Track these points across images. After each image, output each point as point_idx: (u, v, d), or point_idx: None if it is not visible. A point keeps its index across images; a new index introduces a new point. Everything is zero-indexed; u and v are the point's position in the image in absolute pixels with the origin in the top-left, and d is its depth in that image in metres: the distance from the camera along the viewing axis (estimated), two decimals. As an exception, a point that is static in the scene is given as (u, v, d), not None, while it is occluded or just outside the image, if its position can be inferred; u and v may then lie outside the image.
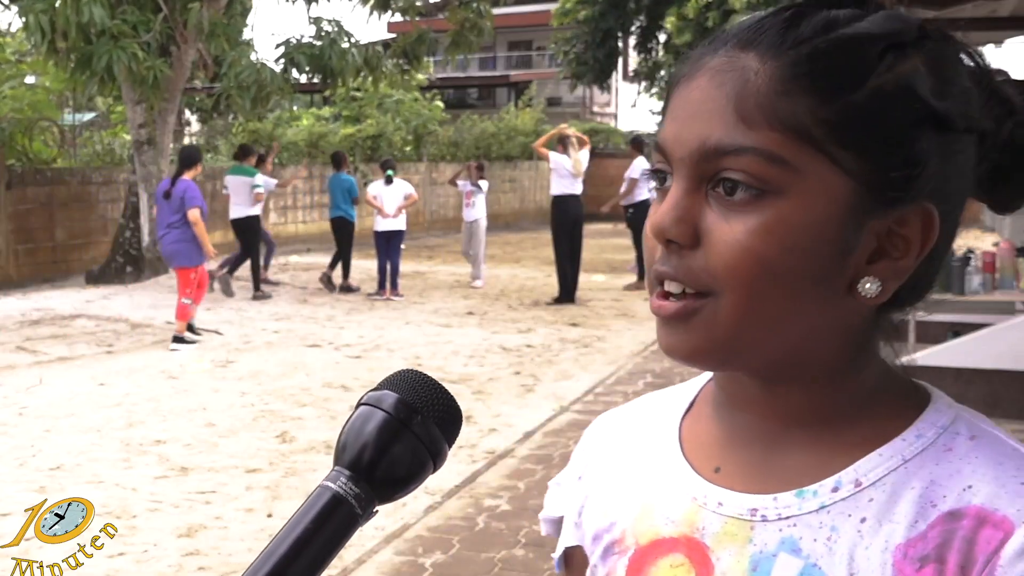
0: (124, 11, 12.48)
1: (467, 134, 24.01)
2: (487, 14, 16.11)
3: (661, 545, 0.81)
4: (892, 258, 0.73)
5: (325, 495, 0.68)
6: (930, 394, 0.78)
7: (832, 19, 0.71)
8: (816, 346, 0.75)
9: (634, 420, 0.91)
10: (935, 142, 0.71)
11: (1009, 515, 0.69)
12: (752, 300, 0.71)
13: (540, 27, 33.29)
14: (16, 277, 13.27)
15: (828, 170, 0.70)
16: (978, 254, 7.22)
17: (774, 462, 0.78)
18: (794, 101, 0.69)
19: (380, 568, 4.18)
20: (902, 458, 0.74)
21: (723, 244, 0.70)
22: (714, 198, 0.72)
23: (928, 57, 0.72)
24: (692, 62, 0.76)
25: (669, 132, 0.74)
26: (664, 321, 0.74)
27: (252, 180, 11.99)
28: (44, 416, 6.60)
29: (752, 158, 0.69)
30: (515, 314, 10.97)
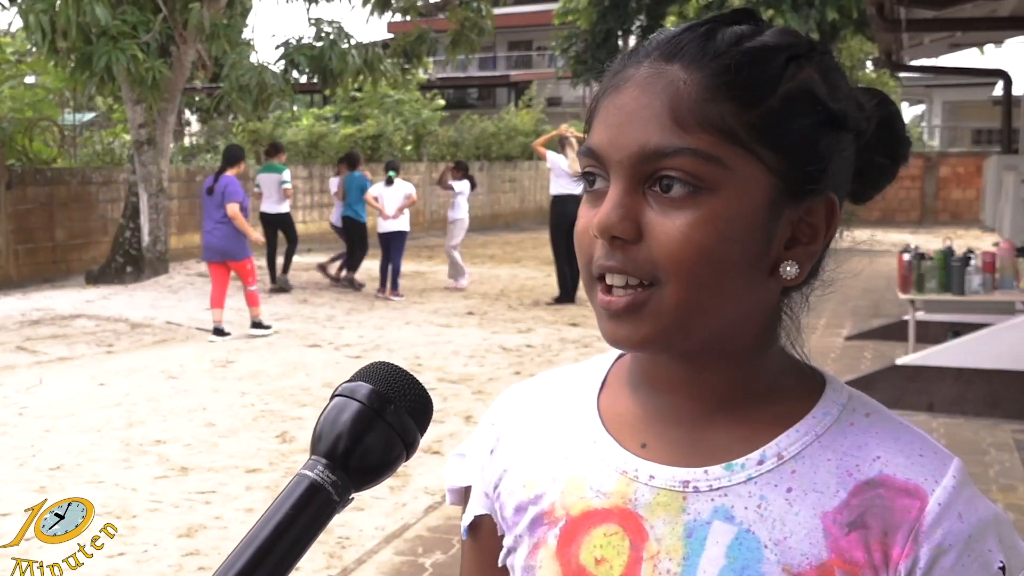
0: (124, 11, 12.47)
1: (467, 134, 24.01)
2: (488, 13, 16.11)
3: (593, 516, 0.85)
4: (803, 244, 0.82)
5: (303, 483, 0.71)
6: (824, 376, 0.87)
7: (740, 34, 0.80)
8: (743, 327, 0.83)
9: (545, 395, 0.95)
10: (834, 140, 0.81)
11: (921, 484, 0.79)
12: (694, 286, 0.78)
13: (540, 27, 33.31)
14: (16, 277, 13.27)
15: (754, 167, 0.78)
16: (978, 254, 7.23)
17: (700, 439, 0.84)
18: (720, 106, 0.77)
19: (380, 568, 4.18)
20: (815, 434, 0.82)
21: (665, 236, 0.77)
22: (652, 196, 0.78)
23: (819, 66, 0.81)
24: (615, 74, 0.83)
25: (603, 138, 0.80)
26: (613, 314, 0.80)
27: (281, 176, 12.43)
28: (44, 416, 6.60)
29: (689, 158, 0.77)
30: (515, 314, 10.97)
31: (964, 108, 35.00)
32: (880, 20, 7.70)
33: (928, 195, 26.27)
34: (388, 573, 4.15)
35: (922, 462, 0.80)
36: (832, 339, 9.48)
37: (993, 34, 12.32)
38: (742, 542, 0.80)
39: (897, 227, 24.16)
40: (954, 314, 8.31)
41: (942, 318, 8.41)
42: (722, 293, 0.79)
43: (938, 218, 25.87)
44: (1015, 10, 8.49)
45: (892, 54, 10.57)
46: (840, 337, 9.51)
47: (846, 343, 9.23)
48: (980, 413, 6.45)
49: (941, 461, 0.81)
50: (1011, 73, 11.70)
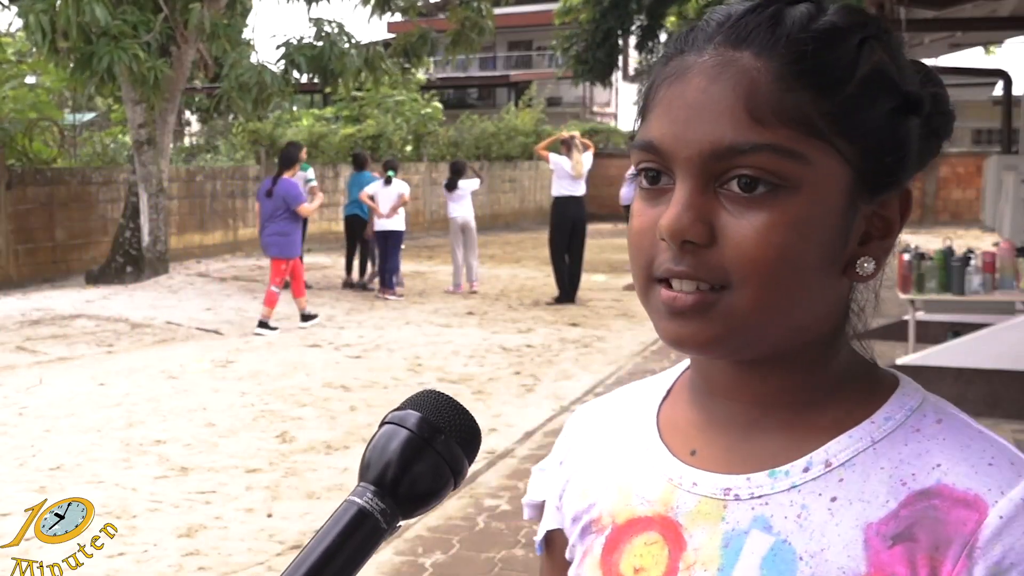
0: (124, 11, 12.47)
1: (467, 134, 24.01)
2: (488, 13, 16.09)
3: (636, 524, 0.83)
4: (877, 238, 0.78)
5: (351, 509, 0.71)
6: (898, 378, 0.81)
7: (808, 14, 0.75)
8: (812, 329, 0.78)
9: (615, 408, 0.93)
10: (908, 126, 0.76)
11: (981, 495, 0.71)
12: (770, 291, 0.73)
13: (540, 27, 33.30)
14: (16, 277, 13.26)
15: (832, 160, 0.73)
16: (978, 254, 7.22)
17: (749, 445, 0.80)
18: (798, 96, 0.72)
19: (380, 568, 4.18)
20: (871, 439, 0.77)
21: (742, 239, 0.72)
22: (724, 196, 0.73)
23: (888, 47, 0.76)
24: (672, 60, 0.77)
25: (667, 132, 0.75)
26: (677, 313, 0.75)
27: (306, 175, 12.51)
28: (44, 416, 6.60)
29: (769, 155, 0.72)
30: (515, 314, 10.97)
31: (964, 108, 34.95)
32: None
33: (928, 195, 26.26)
34: (388, 573, 4.15)
35: (989, 471, 0.72)
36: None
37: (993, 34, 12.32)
38: (777, 553, 0.76)
39: (897, 227, 24.12)
40: (954, 314, 8.30)
41: (942, 318, 8.40)
42: (798, 297, 0.75)
43: (938, 218, 25.87)
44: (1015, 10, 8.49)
45: (892, 54, 10.54)
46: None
47: (846, 343, 9.23)
48: (980, 413, 6.45)
49: (1016, 472, 0.72)
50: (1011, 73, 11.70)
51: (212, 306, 11.52)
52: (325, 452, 5.76)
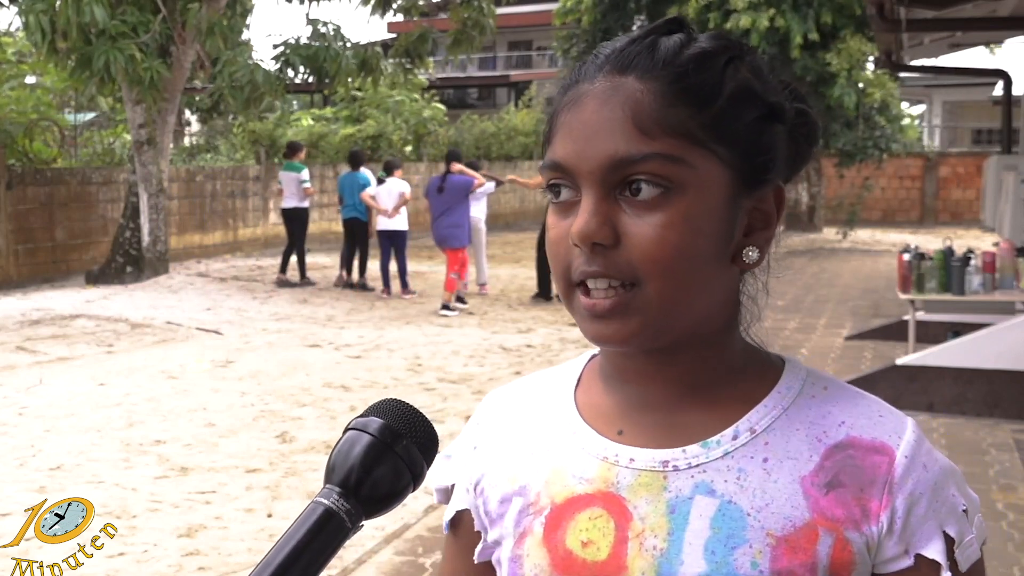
0: (124, 11, 12.47)
1: (467, 134, 24.01)
2: (489, 12, 16.08)
3: (577, 501, 0.89)
4: (759, 229, 0.88)
5: (318, 510, 0.76)
6: (782, 356, 0.94)
7: (680, 42, 0.85)
8: (712, 315, 0.88)
9: (525, 395, 1.00)
10: (774, 131, 0.87)
11: (886, 441, 0.86)
12: (673, 282, 0.83)
13: (540, 27, 33.30)
14: (16, 277, 13.26)
15: (713, 164, 0.84)
16: (978, 254, 7.22)
17: (674, 422, 0.89)
18: (678, 111, 0.83)
19: (380, 568, 4.18)
20: (782, 407, 0.89)
21: (642, 238, 0.82)
22: (624, 201, 0.83)
23: (750, 66, 0.87)
24: (569, 90, 0.88)
25: (569, 151, 0.85)
26: (598, 315, 0.84)
27: (300, 176, 12.99)
28: (44, 416, 6.60)
29: (657, 162, 0.82)
30: (515, 314, 10.97)
31: (964, 108, 34.99)
32: (880, 20, 7.70)
33: (928, 195, 26.26)
34: (388, 573, 4.15)
35: (883, 422, 0.87)
36: (832, 339, 9.48)
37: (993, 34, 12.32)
38: (725, 513, 0.85)
39: (897, 227, 24.18)
40: (954, 314, 8.31)
41: (942, 318, 8.41)
42: (698, 285, 0.85)
43: (938, 218, 25.88)
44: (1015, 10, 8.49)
45: (892, 54, 10.56)
46: (840, 337, 9.51)
47: (846, 343, 9.23)
48: (980, 413, 6.45)
49: (899, 420, 0.88)
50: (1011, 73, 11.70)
51: (212, 306, 11.53)
52: (325, 452, 5.76)
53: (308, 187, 13.12)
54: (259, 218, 17.74)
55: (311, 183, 13.61)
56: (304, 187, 13.00)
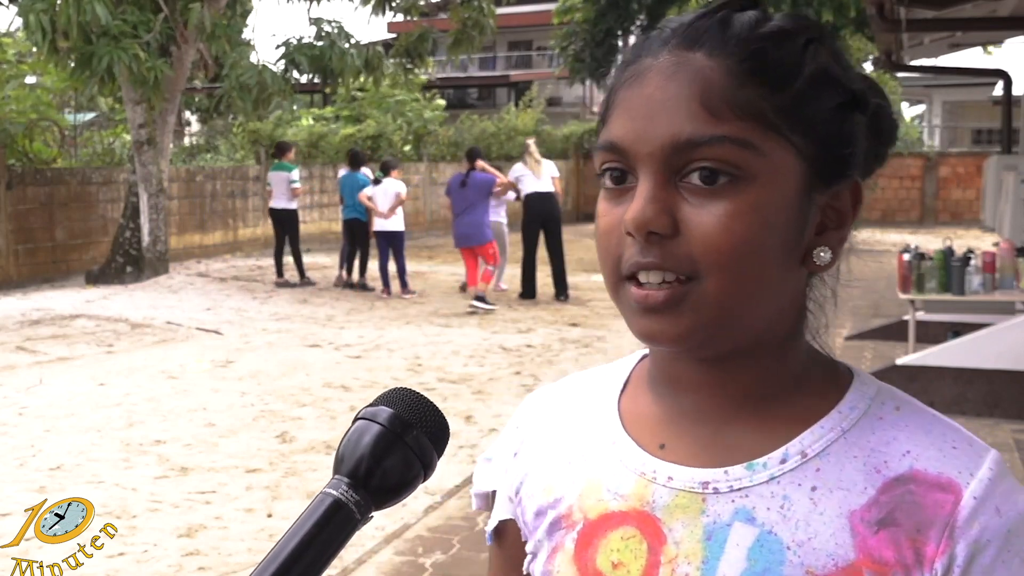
0: (124, 11, 12.47)
1: (467, 134, 24.00)
2: (489, 12, 16.08)
3: (611, 519, 0.84)
4: (832, 229, 0.81)
5: (327, 500, 0.74)
6: (851, 370, 0.85)
7: (755, 19, 0.79)
8: (775, 321, 0.81)
9: (568, 398, 0.94)
10: (854, 122, 0.80)
11: (954, 478, 0.76)
12: (735, 279, 0.76)
13: (540, 27, 33.29)
14: (16, 277, 13.27)
15: (786, 152, 0.77)
16: (978, 254, 7.22)
17: (720, 438, 0.82)
18: (750, 91, 0.76)
19: (380, 568, 4.18)
20: (841, 429, 0.80)
21: (704, 228, 0.75)
22: (686, 188, 0.76)
23: (831, 49, 0.80)
24: (630, 65, 0.81)
25: (628, 131, 0.78)
26: (650, 309, 0.77)
27: (289, 176, 12.96)
28: (44, 416, 6.60)
29: (727, 146, 0.75)
30: (515, 314, 10.97)
31: (964, 108, 34.99)
32: (880, 20, 7.70)
33: (928, 195, 26.26)
34: (388, 573, 4.15)
35: (955, 455, 0.77)
36: (832, 339, 9.46)
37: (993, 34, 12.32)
38: (763, 544, 0.77)
39: (897, 227, 24.17)
40: (954, 314, 8.31)
41: (942, 318, 8.41)
42: (762, 285, 0.77)
43: (938, 218, 25.87)
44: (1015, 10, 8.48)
45: (892, 54, 10.56)
46: (840, 337, 9.51)
47: (846, 343, 9.23)
48: (980, 413, 6.45)
49: (976, 453, 0.78)
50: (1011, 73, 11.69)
51: (212, 306, 11.53)
52: (325, 452, 5.76)
53: (297, 187, 13.05)
54: (259, 218, 17.73)
55: (301, 183, 13.52)
56: (293, 187, 12.94)
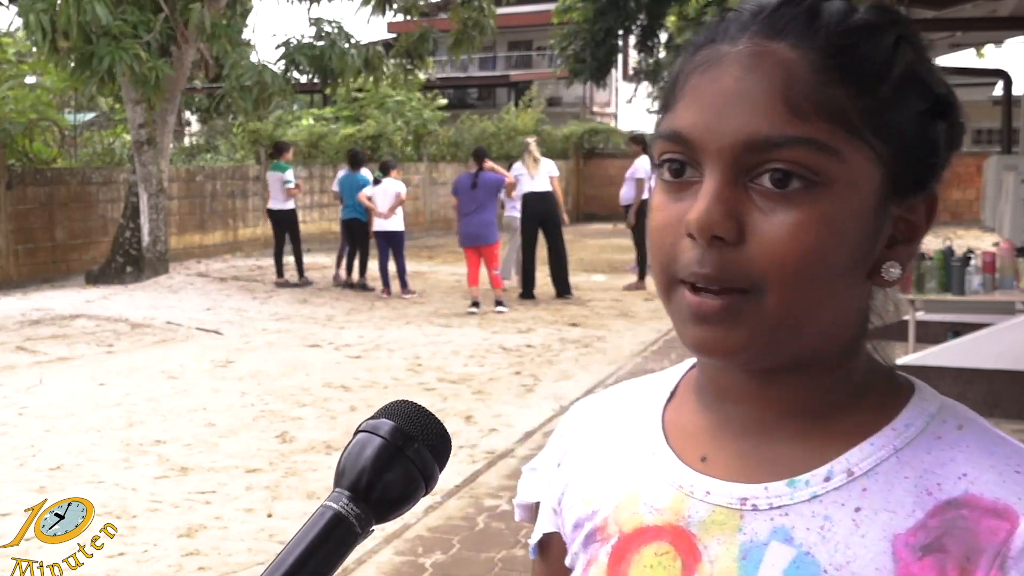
0: (125, 11, 12.47)
1: (467, 134, 24.02)
2: (490, 12, 16.09)
3: (645, 533, 0.80)
4: (903, 243, 0.75)
5: (327, 514, 0.74)
6: (913, 384, 0.79)
7: (844, 10, 0.72)
8: (834, 335, 0.75)
9: (614, 407, 0.90)
10: (940, 128, 0.74)
11: (1011, 504, 0.70)
12: (800, 294, 0.70)
13: (540, 27, 33.29)
14: (16, 277, 13.27)
15: (866, 159, 0.71)
16: (978, 254, 7.22)
17: (764, 452, 0.77)
18: (836, 90, 0.70)
19: (380, 568, 4.18)
20: (893, 447, 0.74)
21: (772, 237, 0.69)
22: (755, 191, 0.70)
23: (917, 47, 0.75)
24: (701, 49, 0.75)
25: (697, 122, 0.72)
26: (703, 318, 0.72)
27: (284, 176, 12.93)
28: (44, 416, 6.60)
29: (806, 149, 0.69)
30: (515, 314, 10.97)
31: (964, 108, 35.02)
32: (880, 20, 7.69)
33: (928, 195, 26.29)
34: (388, 573, 4.15)
35: (1017, 480, 0.71)
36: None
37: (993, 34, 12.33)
38: (800, 566, 0.73)
39: (897, 227, 24.13)
40: (954, 314, 8.30)
41: (942, 318, 8.40)
42: (826, 300, 0.72)
43: (938, 218, 25.82)
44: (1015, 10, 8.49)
45: (892, 54, 10.56)
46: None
47: (846, 343, 9.23)
48: (980, 413, 6.44)
49: None
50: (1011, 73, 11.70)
51: (212, 306, 11.53)
52: (325, 452, 5.76)
53: (291, 187, 12.99)
54: (259, 218, 17.72)
55: (298, 182, 13.55)
56: (287, 187, 12.92)
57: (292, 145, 14.56)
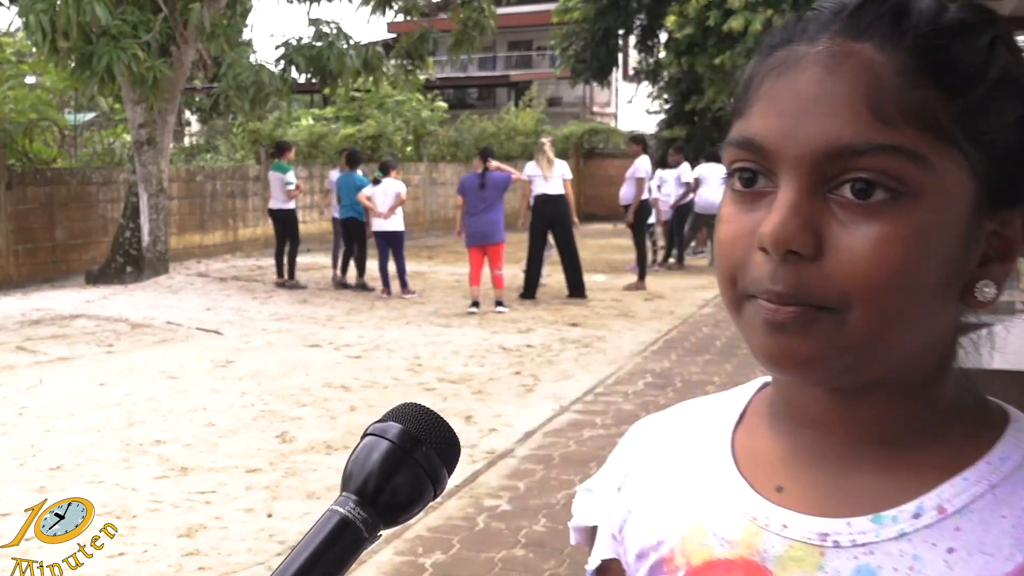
0: (124, 11, 12.47)
1: (467, 134, 24.03)
2: (490, 12, 16.10)
3: (716, 566, 0.75)
4: (997, 260, 0.70)
5: (334, 519, 0.72)
6: (1007, 412, 0.73)
7: (935, 8, 0.68)
8: (921, 357, 0.70)
9: (678, 429, 0.85)
10: None
11: None
12: (884, 314, 0.65)
13: (540, 27, 33.32)
14: (16, 277, 13.27)
15: (959, 168, 0.66)
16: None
17: (845, 483, 0.72)
18: (925, 94, 0.65)
19: (380, 568, 4.18)
20: (989, 483, 0.69)
21: (854, 253, 0.64)
22: (836, 203, 0.65)
23: (1012, 47, 0.69)
24: (777, 50, 0.70)
25: (772, 128, 0.67)
26: (777, 327, 0.66)
27: (285, 176, 12.90)
28: (44, 416, 6.60)
29: (892, 157, 0.64)
30: (515, 314, 10.97)
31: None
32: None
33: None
34: (388, 573, 4.15)
35: None
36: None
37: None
38: None
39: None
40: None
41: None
42: (913, 322, 0.66)
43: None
44: (1015, 10, 8.48)
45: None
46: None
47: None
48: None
49: None
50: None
51: (212, 306, 11.53)
52: (325, 452, 5.76)
53: (291, 188, 12.93)
54: (259, 218, 17.74)
55: (299, 182, 13.53)
56: (288, 188, 12.88)
57: (294, 145, 14.56)
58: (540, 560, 4.21)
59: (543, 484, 5.22)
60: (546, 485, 5.20)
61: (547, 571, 4.11)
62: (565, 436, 6.10)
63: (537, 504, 4.91)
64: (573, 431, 6.20)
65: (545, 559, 4.22)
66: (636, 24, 24.22)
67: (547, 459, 5.65)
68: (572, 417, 6.57)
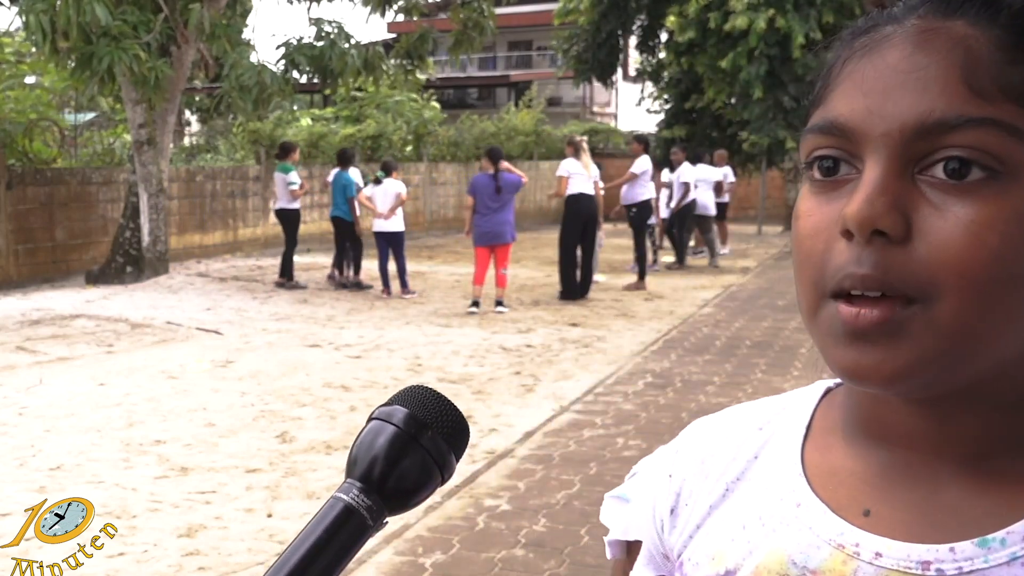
0: (125, 11, 12.47)
1: (467, 134, 24.02)
2: (489, 13, 16.11)
3: None
4: None
5: (337, 506, 0.70)
6: None
7: None
8: (1019, 361, 0.64)
9: (737, 441, 0.78)
10: None
11: None
12: (979, 305, 0.59)
13: (540, 27, 33.34)
14: (16, 277, 13.27)
15: None
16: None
17: (941, 505, 0.66)
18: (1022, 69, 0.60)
19: (380, 568, 4.18)
20: None
21: (947, 236, 0.59)
22: (927, 183, 0.61)
23: None
24: (862, 34, 0.66)
25: (857, 107, 0.62)
26: (859, 334, 0.61)
27: (288, 177, 12.98)
28: (44, 416, 6.60)
29: (990, 132, 0.59)
30: (515, 314, 10.97)
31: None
32: (880, 20, 7.71)
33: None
34: (388, 573, 4.15)
35: None
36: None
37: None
38: None
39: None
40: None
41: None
42: (1009, 317, 0.60)
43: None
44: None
45: (892, 54, 10.59)
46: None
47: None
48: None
49: None
50: None
51: (212, 306, 11.52)
52: (325, 452, 5.76)
53: (294, 189, 13.01)
54: (259, 218, 17.74)
55: (301, 183, 13.52)
56: (290, 189, 12.96)
57: (298, 146, 14.58)
58: (540, 560, 4.21)
59: (543, 484, 5.22)
60: (546, 485, 5.20)
61: (547, 571, 4.11)
62: (565, 436, 6.10)
63: (537, 504, 4.91)
64: (573, 431, 6.20)
65: (545, 559, 4.22)
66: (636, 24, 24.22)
67: (547, 459, 5.65)
68: (572, 417, 6.57)
